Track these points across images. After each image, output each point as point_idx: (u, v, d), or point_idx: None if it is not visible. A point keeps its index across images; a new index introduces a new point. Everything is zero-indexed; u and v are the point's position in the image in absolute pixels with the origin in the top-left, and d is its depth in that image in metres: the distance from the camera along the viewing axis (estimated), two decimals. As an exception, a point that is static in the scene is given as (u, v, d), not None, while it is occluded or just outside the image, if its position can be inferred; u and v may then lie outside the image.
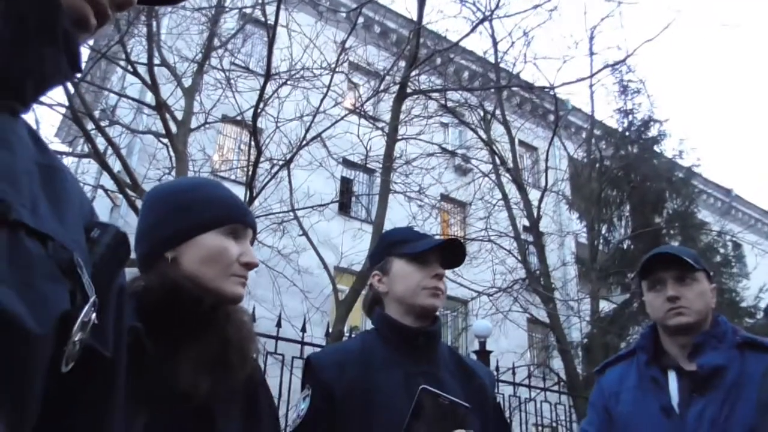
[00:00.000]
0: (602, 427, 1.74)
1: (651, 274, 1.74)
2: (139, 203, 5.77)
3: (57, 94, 5.18)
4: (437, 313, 1.59)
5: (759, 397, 1.14)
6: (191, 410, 1.01)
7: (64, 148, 7.67)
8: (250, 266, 1.15)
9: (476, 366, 1.63)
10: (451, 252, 1.58)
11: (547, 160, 8.49)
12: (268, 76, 4.92)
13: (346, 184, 12.60)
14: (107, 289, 0.68)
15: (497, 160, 8.61)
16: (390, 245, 1.61)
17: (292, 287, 8.23)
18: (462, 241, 1.60)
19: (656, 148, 10.70)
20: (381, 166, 6.23)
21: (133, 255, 1.22)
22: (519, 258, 8.19)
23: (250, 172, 5.72)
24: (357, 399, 1.38)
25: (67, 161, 6.14)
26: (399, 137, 6.57)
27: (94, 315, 0.57)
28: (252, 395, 1.15)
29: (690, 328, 1.66)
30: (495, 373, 5.49)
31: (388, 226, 7.88)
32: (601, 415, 1.76)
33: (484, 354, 5.19)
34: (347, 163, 10.69)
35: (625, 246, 9.93)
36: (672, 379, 1.64)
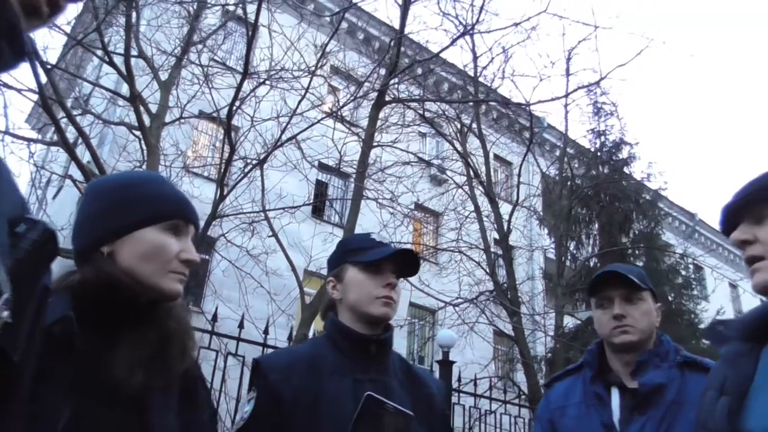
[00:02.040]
0: None
1: (599, 292, 1.78)
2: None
3: (28, 80, 5.08)
4: (390, 321, 1.60)
5: (698, 416, 1.17)
6: (123, 402, 1.00)
7: (34, 134, 7.51)
8: (189, 263, 1.14)
9: (426, 376, 1.64)
10: (405, 262, 1.59)
11: (519, 175, 8.61)
12: (245, 74, 4.90)
13: (320, 188, 12.57)
14: (29, 287, 0.66)
15: (471, 173, 8.69)
16: (346, 252, 1.62)
17: (259, 288, 8.16)
18: (415, 252, 1.61)
19: (626, 170, 10.95)
20: (355, 171, 6.23)
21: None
22: (487, 270, 8.26)
23: (222, 170, 5.66)
24: (304, 404, 1.38)
25: (36, 148, 6.00)
26: (375, 144, 6.59)
27: (6, 313, 0.54)
28: (190, 389, 1.14)
29: (634, 346, 1.70)
30: (457, 383, 5.52)
31: (359, 231, 7.89)
32: (546, 429, 1.79)
33: (446, 364, 5.21)
34: (323, 166, 10.67)
35: (591, 264, 10.11)
36: (615, 395, 1.69)
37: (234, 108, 5.44)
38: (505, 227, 8.23)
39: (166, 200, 1.18)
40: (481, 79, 8.59)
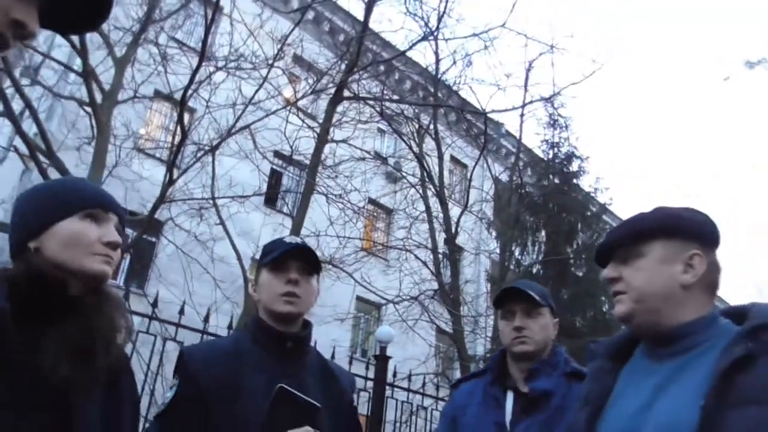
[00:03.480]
0: None
1: (504, 305, 1.94)
2: (51, 171, 5.57)
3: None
4: (304, 317, 1.67)
5: (567, 423, 1.32)
6: (50, 394, 1.04)
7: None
8: (112, 245, 1.19)
9: (340, 372, 1.74)
10: (309, 258, 1.65)
11: (470, 179, 8.81)
12: (202, 56, 4.88)
13: (274, 177, 12.53)
14: None
15: (425, 174, 8.84)
16: (261, 257, 1.70)
17: (204, 275, 8.13)
18: (307, 247, 1.67)
19: (575, 182, 11.32)
20: (308, 165, 6.29)
21: None
22: (432, 270, 8.44)
23: (173, 154, 5.63)
24: (222, 395, 1.45)
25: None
26: (330, 140, 6.65)
27: None
28: (114, 382, 1.19)
29: (530, 356, 1.86)
30: (392, 378, 5.65)
31: (308, 225, 7.94)
32: (449, 425, 1.93)
33: (383, 359, 5.33)
34: (277, 155, 10.67)
35: (534, 270, 10.43)
36: (509, 398, 1.84)
37: (189, 92, 5.41)
38: (453, 229, 8.42)
39: (83, 192, 1.26)
40: (442, 81, 8.75)
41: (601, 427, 1.20)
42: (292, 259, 1.62)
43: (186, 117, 6.15)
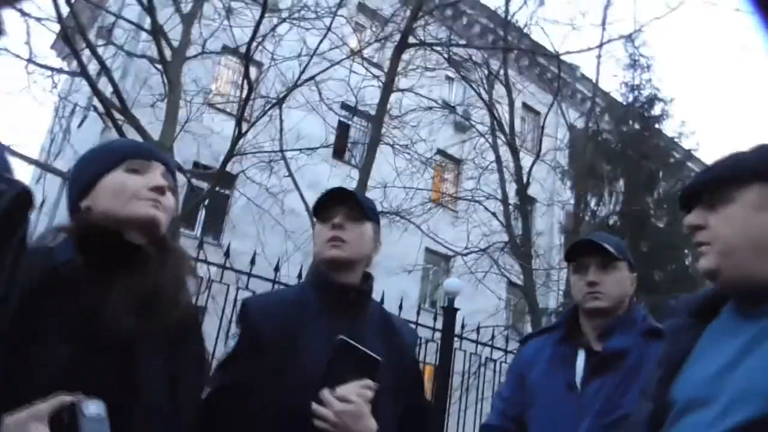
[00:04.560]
0: (515, 392, 1.85)
1: (576, 258, 1.81)
2: (127, 128, 5.77)
3: (50, 8, 5.08)
4: (367, 270, 1.63)
5: (642, 384, 1.22)
6: (114, 346, 1.06)
7: (59, 63, 7.59)
8: (157, 189, 1.19)
9: (401, 326, 1.69)
10: (347, 201, 1.57)
11: (543, 127, 8.44)
12: (264, 8, 4.83)
13: (342, 129, 12.51)
14: (4, 241, 0.73)
15: (495, 122, 8.54)
16: (312, 209, 1.66)
17: (276, 226, 8.33)
18: (346, 189, 1.60)
19: (657, 127, 10.61)
20: (374, 116, 6.19)
21: None
22: (502, 222, 8.25)
23: (241, 108, 5.69)
24: (282, 344, 1.44)
25: (59, 79, 6.07)
26: (395, 89, 6.50)
27: None
28: (181, 334, 1.18)
29: (604, 312, 1.74)
30: (460, 330, 5.61)
31: (376, 176, 7.91)
32: (516, 382, 1.86)
33: (450, 311, 5.30)
34: (346, 107, 10.62)
35: (611, 222, 9.99)
36: (581, 357, 1.73)
37: (254, 45, 5.40)
38: (525, 179, 8.14)
39: (123, 146, 1.29)
40: (513, 23, 8.31)
41: (675, 391, 1.08)
42: (337, 205, 1.56)
43: (253, 71, 6.18)
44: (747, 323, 1.06)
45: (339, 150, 12.37)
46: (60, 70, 6.06)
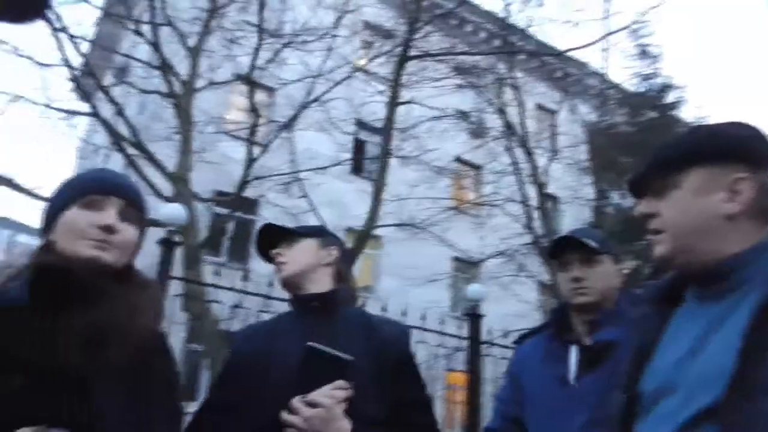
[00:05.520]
0: (512, 393, 1.84)
1: (560, 255, 1.81)
2: (141, 162, 5.95)
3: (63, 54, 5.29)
4: (347, 278, 1.70)
5: (615, 376, 1.21)
6: (68, 379, 1.07)
7: (79, 105, 7.84)
8: (107, 229, 1.19)
9: (382, 323, 1.68)
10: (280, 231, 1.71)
11: (555, 125, 8.38)
12: (261, 36, 4.94)
13: (359, 145, 12.61)
14: None
15: (507, 125, 8.52)
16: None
17: (298, 246, 8.40)
18: (274, 224, 1.75)
19: (674, 114, 10.42)
20: (382, 129, 6.26)
21: None
22: (524, 224, 8.19)
23: (250, 134, 5.81)
24: (257, 364, 1.51)
25: (77, 121, 6.30)
26: (400, 102, 6.56)
27: None
28: (142, 366, 1.19)
29: (591, 307, 1.72)
30: (488, 335, 5.54)
31: (393, 189, 7.95)
32: (512, 384, 1.86)
33: (475, 317, 5.27)
34: (360, 124, 10.72)
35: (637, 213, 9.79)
36: (573, 352, 1.73)
37: (258, 71, 5.52)
38: (542, 179, 8.09)
39: (82, 181, 1.29)
40: (514, 24, 8.30)
41: (643, 381, 1.08)
42: (276, 235, 1.70)
43: (264, 96, 6.34)
44: (706, 307, 1.06)
45: (357, 166, 12.49)
46: (75, 112, 6.28)
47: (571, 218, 14.09)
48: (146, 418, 1.16)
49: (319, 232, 1.75)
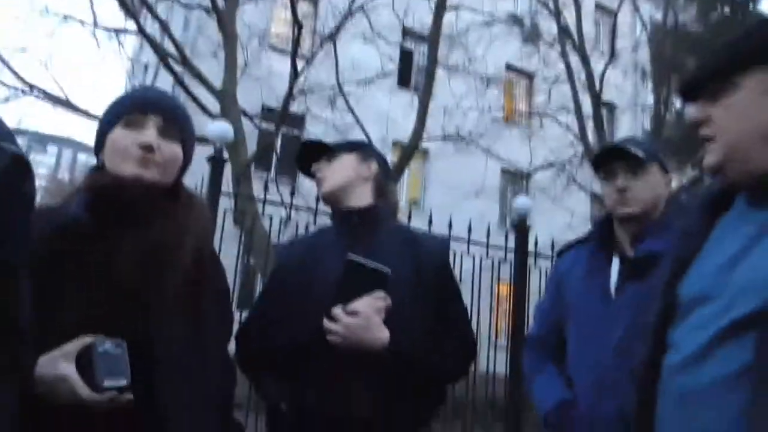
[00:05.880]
0: (553, 304, 1.84)
1: (605, 165, 1.73)
2: (186, 78, 5.97)
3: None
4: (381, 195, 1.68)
5: (654, 284, 1.17)
6: (123, 297, 1.12)
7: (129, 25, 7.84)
8: (147, 147, 1.20)
9: (422, 238, 1.72)
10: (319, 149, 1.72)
11: (615, 26, 7.84)
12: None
13: (406, 56, 12.22)
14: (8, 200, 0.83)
15: (561, 29, 8.03)
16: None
17: (346, 161, 8.42)
18: (317, 140, 1.76)
19: (752, 9, 9.52)
20: (429, 37, 6.01)
21: None
22: (577, 134, 7.90)
23: (293, 48, 5.70)
24: (301, 276, 1.56)
25: (125, 39, 6.32)
26: (449, 6, 6.23)
27: None
28: (193, 282, 1.21)
29: (636, 218, 1.66)
30: (534, 248, 5.51)
31: (440, 100, 7.74)
32: (553, 295, 1.85)
33: (521, 229, 5.24)
34: (408, 33, 10.34)
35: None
36: (615, 264, 1.69)
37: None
38: (598, 85, 7.69)
39: (123, 101, 1.30)
40: None
41: (683, 288, 1.04)
42: (315, 153, 1.71)
43: (307, 6, 6.15)
44: (755, 214, 0.99)
45: (404, 78, 12.17)
46: (121, 30, 6.29)
47: (628, 127, 13.51)
48: (199, 329, 1.21)
49: (358, 147, 1.74)
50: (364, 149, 1.74)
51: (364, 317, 1.39)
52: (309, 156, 1.73)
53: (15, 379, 0.89)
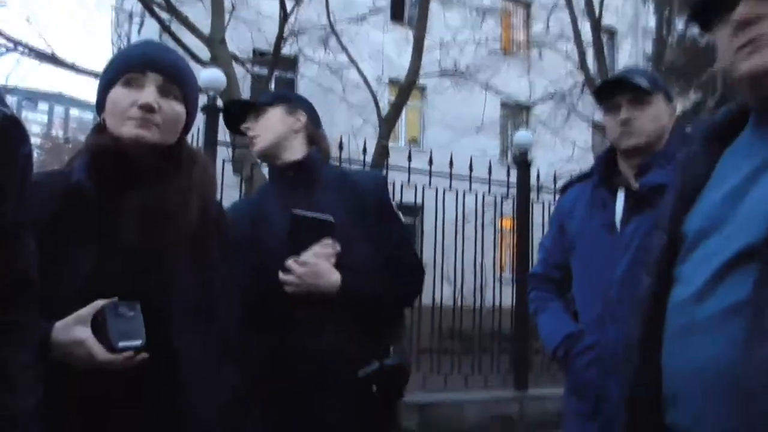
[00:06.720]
0: (557, 240, 1.83)
1: (607, 97, 1.68)
2: (174, 25, 5.79)
3: None
4: (315, 146, 1.70)
5: (655, 216, 1.14)
6: (133, 259, 1.12)
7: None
8: (144, 107, 1.17)
9: (359, 177, 1.74)
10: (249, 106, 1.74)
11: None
12: None
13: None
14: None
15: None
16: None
17: (343, 103, 8.30)
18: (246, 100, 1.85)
19: None
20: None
21: None
22: (577, 62, 7.71)
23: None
24: (251, 238, 1.57)
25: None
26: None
27: None
28: (200, 238, 1.22)
29: (640, 150, 1.62)
30: (536, 182, 5.47)
31: (436, 34, 7.51)
32: (556, 232, 1.83)
33: (523, 164, 5.19)
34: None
35: (703, 43, 9.02)
36: (620, 197, 1.66)
37: None
38: (597, 10, 7.43)
39: (122, 58, 1.27)
40: None
41: (688, 221, 1.02)
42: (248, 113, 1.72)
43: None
44: (762, 145, 0.95)
45: (396, 12, 11.78)
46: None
47: (629, 53, 13.18)
48: (209, 281, 1.23)
49: (284, 99, 1.73)
50: (289, 100, 1.74)
51: (314, 265, 1.48)
52: (237, 116, 1.74)
53: (33, 338, 0.92)
